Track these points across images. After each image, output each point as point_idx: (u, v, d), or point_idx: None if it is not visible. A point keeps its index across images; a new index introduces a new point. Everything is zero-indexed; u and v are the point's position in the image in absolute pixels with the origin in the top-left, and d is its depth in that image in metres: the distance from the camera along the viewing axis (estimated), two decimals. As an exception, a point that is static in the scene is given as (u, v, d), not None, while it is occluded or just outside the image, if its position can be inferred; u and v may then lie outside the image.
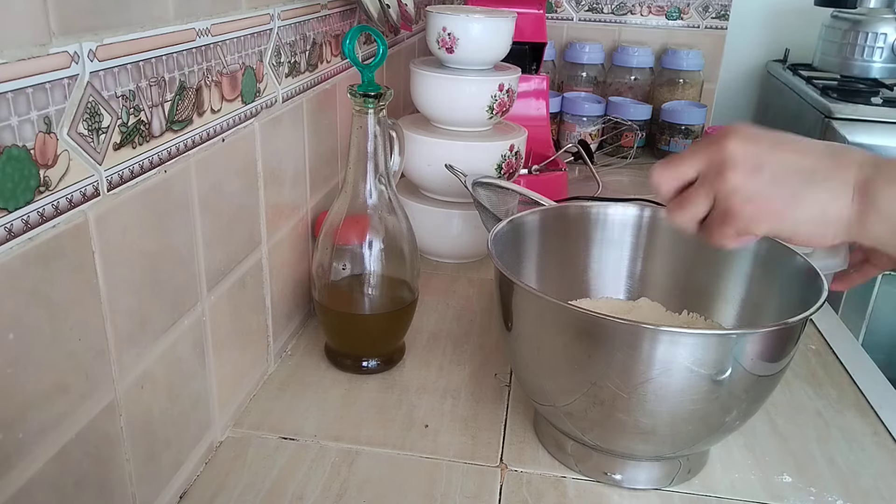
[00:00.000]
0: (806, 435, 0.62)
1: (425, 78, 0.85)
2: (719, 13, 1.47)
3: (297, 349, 0.71)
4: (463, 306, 0.80)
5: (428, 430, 0.60)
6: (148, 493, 0.47)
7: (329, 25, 0.73)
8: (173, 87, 0.45)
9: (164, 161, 0.45)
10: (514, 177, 0.90)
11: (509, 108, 0.87)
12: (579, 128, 1.35)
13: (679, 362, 0.46)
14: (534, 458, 0.57)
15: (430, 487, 0.54)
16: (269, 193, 0.62)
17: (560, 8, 1.52)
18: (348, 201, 0.64)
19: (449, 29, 0.82)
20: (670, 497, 0.54)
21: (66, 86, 0.36)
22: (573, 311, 0.48)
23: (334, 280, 0.66)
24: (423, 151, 0.85)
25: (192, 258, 0.50)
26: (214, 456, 0.56)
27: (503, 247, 0.58)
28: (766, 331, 0.48)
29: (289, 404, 0.62)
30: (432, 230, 0.88)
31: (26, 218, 0.34)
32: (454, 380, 0.67)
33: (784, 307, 0.56)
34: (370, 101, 0.61)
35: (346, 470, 0.55)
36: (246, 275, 0.59)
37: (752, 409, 0.53)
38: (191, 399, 0.52)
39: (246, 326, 0.60)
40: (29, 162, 0.34)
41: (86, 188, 0.38)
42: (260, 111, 0.59)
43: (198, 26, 0.47)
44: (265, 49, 0.58)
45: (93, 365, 0.40)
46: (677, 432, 0.50)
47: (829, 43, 1.48)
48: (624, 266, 0.67)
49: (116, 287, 0.41)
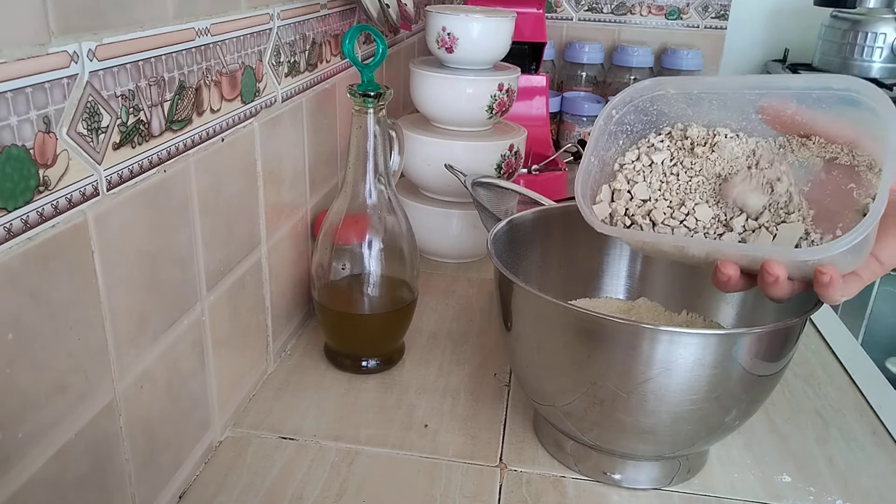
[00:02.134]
0: (805, 435, 0.62)
1: (425, 78, 0.85)
2: (719, 13, 1.47)
3: (296, 349, 0.71)
4: (462, 306, 0.80)
5: (427, 429, 0.60)
6: (147, 493, 0.47)
7: (328, 25, 0.73)
8: (173, 86, 0.45)
9: (164, 161, 0.45)
10: (513, 177, 0.90)
11: (509, 107, 0.87)
12: (579, 128, 1.35)
13: (679, 362, 0.46)
14: (533, 457, 0.57)
15: (429, 487, 0.54)
16: (269, 193, 0.62)
17: (560, 8, 1.52)
18: (348, 201, 0.64)
19: (448, 29, 0.82)
20: (670, 497, 0.54)
21: (66, 85, 0.36)
22: (573, 310, 0.48)
23: (334, 280, 0.66)
24: (423, 151, 0.85)
25: (191, 258, 0.50)
26: (214, 456, 0.56)
27: (503, 247, 0.58)
28: (766, 331, 0.48)
29: (288, 404, 0.62)
30: (432, 230, 0.88)
31: (25, 218, 0.34)
32: (454, 380, 0.67)
33: (783, 307, 0.56)
34: (370, 101, 0.61)
35: (345, 470, 0.55)
36: (245, 275, 0.59)
37: (752, 409, 0.53)
38: (190, 399, 0.52)
39: (245, 326, 0.60)
40: (28, 162, 0.34)
41: (85, 188, 0.38)
42: (259, 111, 0.59)
43: (197, 26, 0.47)
44: (265, 49, 0.58)
45: (92, 365, 0.40)
46: (677, 432, 0.50)
47: (828, 43, 1.48)
48: (623, 266, 0.67)
49: (116, 287, 0.41)
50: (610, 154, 0.52)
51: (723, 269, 0.46)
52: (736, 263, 0.45)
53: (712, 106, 0.51)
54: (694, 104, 0.51)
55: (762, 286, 0.45)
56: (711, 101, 0.50)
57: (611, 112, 0.52)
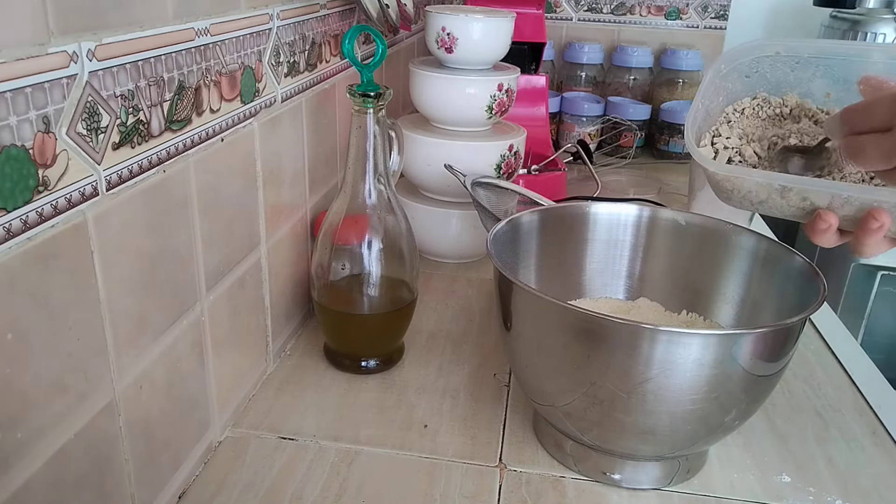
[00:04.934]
0: (805, 435, 0.62)
1: (424, 78, 0.85)
2: (718, 13, 1.47)
3: (296, 349, 0.71)
4: (462, 306, 0.80)
5: (427, 430, 0.60)
6: (147, 493, 0.47)
7: (328, 25, 0.73)
8: (172, 86, 0.45)
9: (163, 161, 0.45)
10: (513, 177, 0.90)
11: (508, 108, 0.87)
12: (578, 128, 1.35)
13: (678, 362, 0.46)
14: (533, 457, 0.57)
15: (429, 487, 0.54)
16: (268, 193, 0.62)
17: (559, 8, 1.52)
18: (347, 201, 0.64)
19: (448, 29, 0.82)
20: (669, 497, 0.54)
21: (65, 85, 0.36)
22: (572, 310, 0.48)
23: (333, 280, 0.66)
24: (423, 151, 0.85)
25: (191, 258, 0.50)
26: (213, 456, 0.56)
27: (502, 247, 0.58)
28: (765, 331, 0.48)
29: (288, 404, 0.62)
30: (431, 230, 0.88)
31: (25, 218, 0.34)
32: (453, 380, 0.67)
33: (783, 307, 0.56)
34: (369, 101, 0.61)
35: (345, 470, 0.55)
36: (245, 275, 0.59)
37: (751, 409, 0.53)
38: (190, 399, 0.52)
39: (245, 326, 0.60)
40: (28, 162, 0.34)
41: (84, 188, 0.38)
42: (259, 111, 0.59)
43: (197, 26, 0.47)
44: (264, 49, 0.58)
45: (91, 365, 0.40)
46: (676, 432, 0.50)
47: (828, 43, 1.48)
48: (623, 266, 0.67)
49: (115, 287, 0.41)
50: (715, 104, 0.55)
51: (825, 217, 0.47)
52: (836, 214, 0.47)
53: (818, 71, 0.52)
54: (800, 68, 0.53)
55: (862, 234, 0.46)
56: (818, 66, 0.52)
57: (720, 67, 0.54)
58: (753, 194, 0.50)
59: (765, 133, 0.53)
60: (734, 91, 0.55)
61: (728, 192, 0.51)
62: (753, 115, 0.54)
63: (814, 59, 0.52)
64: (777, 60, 0.53)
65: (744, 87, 0.55)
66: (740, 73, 0.54)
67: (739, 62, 0.54)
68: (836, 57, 0.51)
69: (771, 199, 0.50)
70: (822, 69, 0.52)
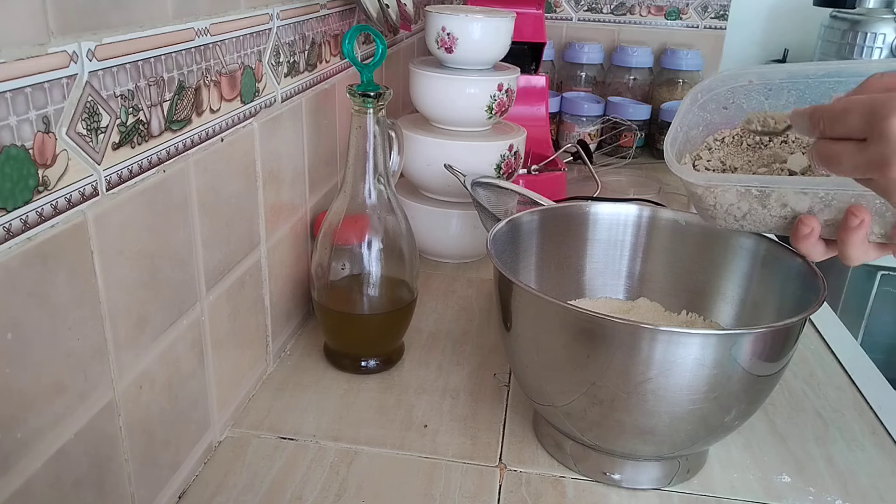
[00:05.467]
0: (805, 435, 0.62)
1: (424, 78, 0.85)
2: (718, 13, 1.47)
3: (295, 349, 0.71)
4: (462, 306, 0.80)
5: (427, 429, 0.60)
6: (147, 493, 0.47)
7: (328, 25, 0.73)
8: (172, 86, 0.45)
9: (163, 161, 0.45)
10: (513, 177, 0.90)
11: (508, 108, 0.87)
12: (578, 128, 1.35)
13: (678, 362, 0.46)
14: (533, 457, 0.57)
15: (428, 487, 0.54)
16: (268, 193, 0.62)
17: (559, 8, 1.52)
18: (347, 201, 0.64)
19: (448, 29, 0.82)
20: (669, 497, 0.54)
21: (65, 85, 0.36)
22: (572, 310, 0.48)
23: (333, 280, 0.66)
24: (423, 151, 0.85)
25: (190, 258, 0.50)
26: (213, 456, 0.56)
27: (502, 247, 0.58)
28: (765, 331, 0.48)
29: (288, 404, 0.62)
30: (431, 230, 0.88)
31: (25, 218, 0.34)
32: (453, 380, 0.67)
33: (783, 307, 0.56)
34: (369, 101, 0.61)
35: (344, 470, 0.55)
36: (245, 275, 0.59)
37: (751, 409, 0.53)
38: (189, 399, 0.52)
39: (245, 326, 0.60)
40: (28, 161, 0.34)
41: (84, 188, 0.38)
42: (259, 111, 0.59)
43: (197, 26, 0.47)
44: (264, 49, 0.58)
45: (91, 365, 0.40)
46: (676, 432, 0.50)
47: (828, 43, 1.48)
48: (623, 266, 0.67)
49: (115, 287, 0.41)
50: (695, 133, 0.56)
51: (806, 221, 0.47)
52: (818, 219, 0.48)
53: (791, 97, 0.53)
54: (773, 95, 0.53)
55: (845, 234, 0.46)
56: (791, 91, 0.53)
57: (696, 95, 0.55)
58: (735, 207, 0.51)
59: (746, 161, 0.54)
60: (713, 122, 0.56)
61: (711, 208, 0.52)
62: (734, 144, 0.55)
63: (786, 83, 0.52)
64: (751, 90, 0.54)
65: (722, 119, 0.56)
66: (718, 104, 0.55)
67: (716, 91, 0.55)
68: (805, 79, 0.51)
69: (753, 210, 0.50)
70: (794, 94, 0.52)
